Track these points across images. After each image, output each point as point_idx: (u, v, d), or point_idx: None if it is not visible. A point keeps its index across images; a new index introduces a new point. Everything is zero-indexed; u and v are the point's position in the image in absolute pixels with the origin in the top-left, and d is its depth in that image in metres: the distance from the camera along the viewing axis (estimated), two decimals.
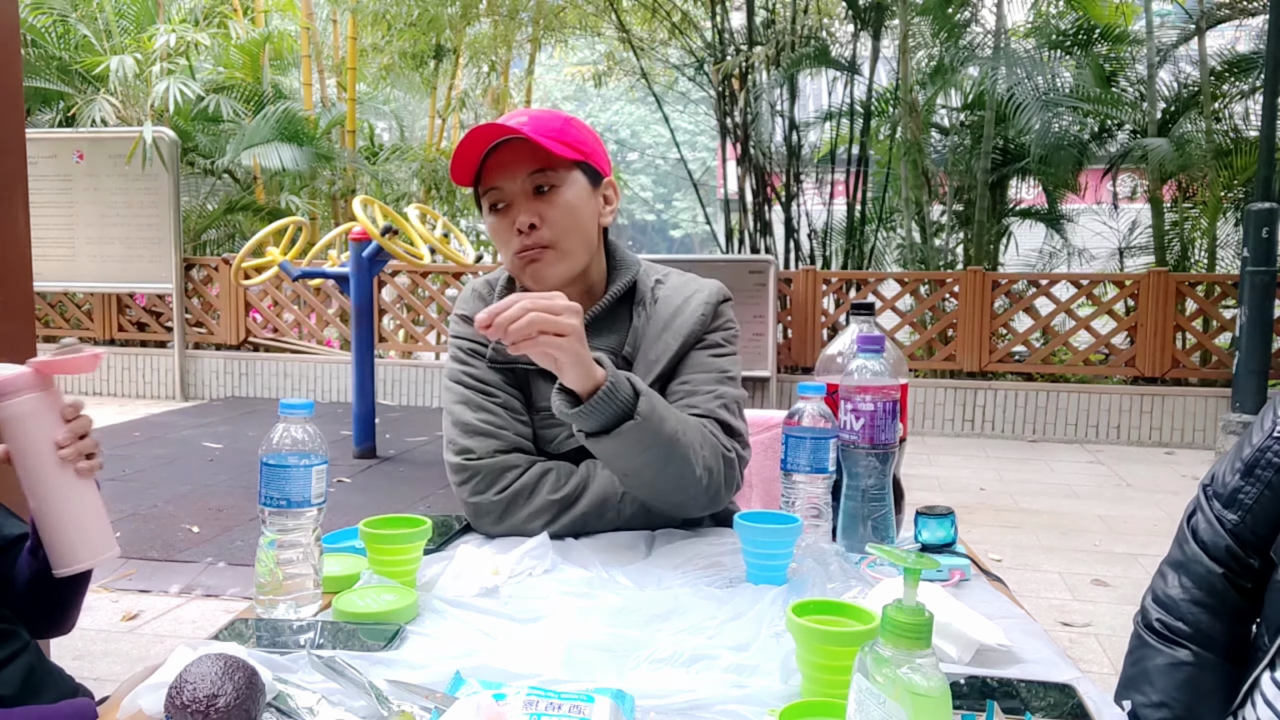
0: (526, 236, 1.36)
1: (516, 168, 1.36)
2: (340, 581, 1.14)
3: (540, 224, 1.36)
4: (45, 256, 6.97)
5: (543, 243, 1.37)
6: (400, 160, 9.37)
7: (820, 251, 8.27)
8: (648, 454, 1.26)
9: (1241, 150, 6.86)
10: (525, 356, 1.20)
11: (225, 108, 8.00)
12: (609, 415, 1.22)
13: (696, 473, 1.30)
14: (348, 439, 5.48)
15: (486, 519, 1.36)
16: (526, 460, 1.38)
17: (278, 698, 0.81)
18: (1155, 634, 1.24)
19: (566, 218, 1.37)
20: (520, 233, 1.36)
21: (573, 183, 1.38)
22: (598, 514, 1.35)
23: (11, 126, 1.97)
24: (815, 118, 8.43)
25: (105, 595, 3.29)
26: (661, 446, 1.26)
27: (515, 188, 1.37)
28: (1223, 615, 1.20)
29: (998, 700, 0.81)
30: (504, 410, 1.41)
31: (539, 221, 1.36)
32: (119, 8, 8.28)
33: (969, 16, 7.19)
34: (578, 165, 1.39)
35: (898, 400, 1.27)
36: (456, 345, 1.47)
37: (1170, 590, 1.24)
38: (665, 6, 8.57)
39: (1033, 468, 5.63)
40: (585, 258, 1.41)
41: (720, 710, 0.82)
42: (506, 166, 1.36)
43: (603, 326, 1.44)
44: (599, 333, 1.42)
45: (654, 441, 1.25)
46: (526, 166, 1.36)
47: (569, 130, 1.38)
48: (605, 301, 1.44)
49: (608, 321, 1.44)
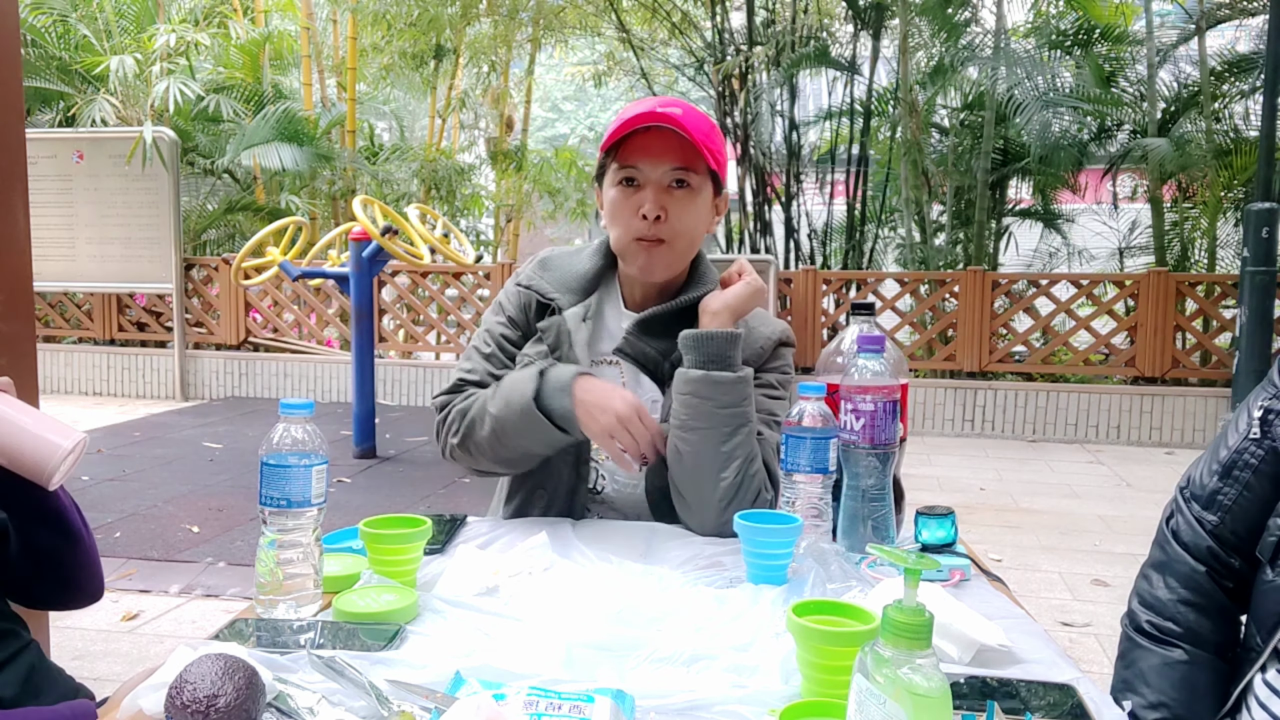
0: (650, 225, 1.40)
1: (666, 156, 1.39)
2: (340, 581, 1.14)
3: (666, 217, 1.40)
4: (45, 256, 6.97)
5: (662, 236, 1.41)
6: (400, 160, 9.36)
7: (820, 251, 8.27)
8: (720, 415, 1.36)
9: (1241, 150, 6.85)
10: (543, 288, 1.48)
11: (225, 108, 7.99)
12: (719, 355, 1.36)
13: (732, 478, 1.36)
14: (348, 439, 5.48)
15: (466, 452, 1.47)
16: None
17: (278, 698, 0.81)
18: (1146, 636, 1.24)
19: (689, 218, 1.42)
20: (644, 218, 1.40)
21: (703, 187, 1.44)
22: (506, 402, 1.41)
23: (11, 126, 1.97)
24: (815, 118, 8.43)
25: (105, 595, 3.29)
26: (734, 421, 1.36)
27: (656, 174, 1.40)
28: (1211, 613, 1.21)
29: (998, 700, 0.81)
30: (489, 363, 1.51)
31: (665, 215, 1.40)
32: (119, 8, 8.28)
33: (969, 16, 7.18)
34: (711, 173, 1.44)
35: (898, 400, 1.27)
36: (499, 302, 1.57)
37: (1157, 592, 1.25)
38: (665, 6, 8.57)
39: (1033, 468, 5.62)
40: (687, 261, 1.49)
41: (720, 710, 0.82)
42: (655, 152, 1.40)
43: (657, 330, 1.47)
44: (664, 332, 1.46)
45: (734, 414, 1.36)
46: (674, 159, 1.39)
47: (714, 137, 1.44)
48: (681, 301, 1.48)
49: (675, 323, 1.46)
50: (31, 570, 1.29)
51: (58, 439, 1.19)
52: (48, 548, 1.29)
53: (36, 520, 1.27)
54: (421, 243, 5.41)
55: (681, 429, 1.37)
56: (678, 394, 1.38)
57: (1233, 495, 1.19)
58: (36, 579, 1.30)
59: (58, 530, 1.29)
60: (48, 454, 1.18)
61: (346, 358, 6.89)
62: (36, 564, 1.29)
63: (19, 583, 1.31)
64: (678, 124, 1.36)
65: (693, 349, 1.38)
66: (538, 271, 1.53)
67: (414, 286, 7.38)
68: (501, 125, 10.67)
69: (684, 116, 1.38)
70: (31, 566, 1.29)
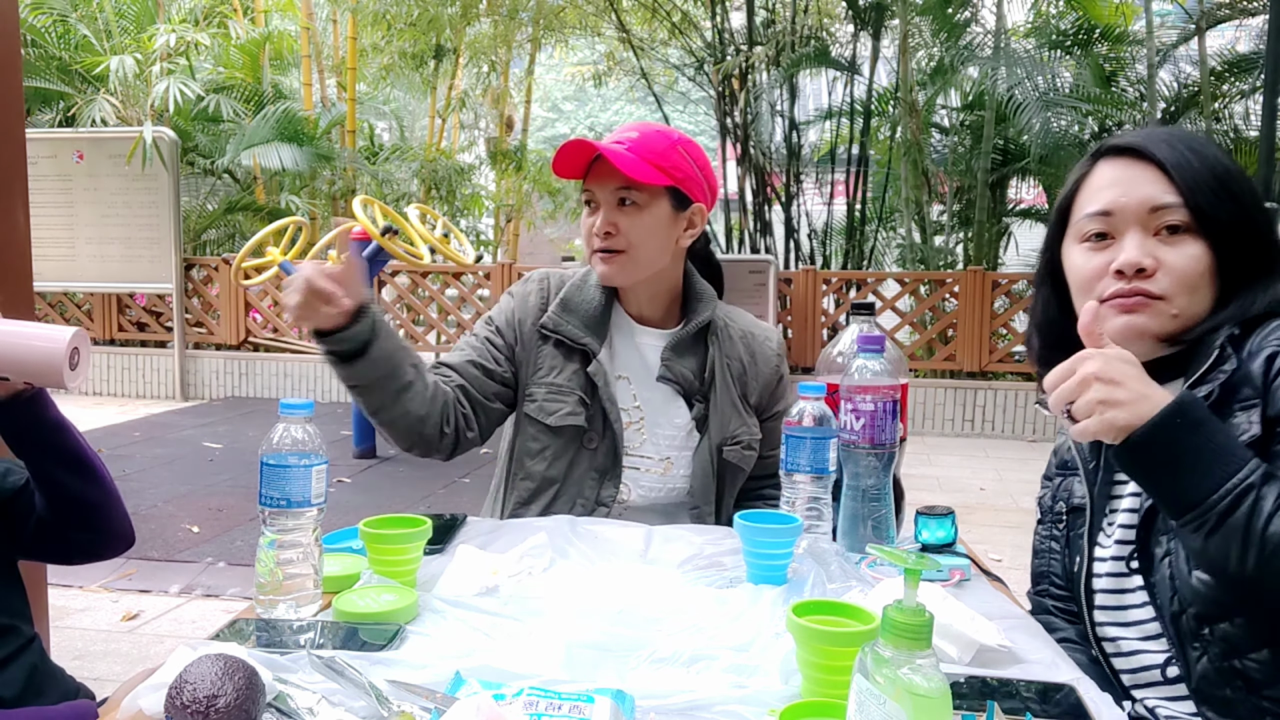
0: (603, 239, 1.53)
1: (608, 179, 1.52)
2: (340, 581, 1.14)
3: (616, 232, 1.52)
4: (45, 256, 6.97)
5: (616, 248, 1.53)
6: (400, 160, 9.37)
7: (820, 251, 8.26)
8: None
9: (1241, 150, 6.85)
10: (571, 331, 1.56)
11: (225, 108, 7.99)
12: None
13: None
14: (348, 439, 5.48)
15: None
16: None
17: (278, 698, 0.81)
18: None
19: (639, 231, 1.53)
20: (597, 235, 1.53)
21: (655, 203, 1.53)
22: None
23: (11, 126, 1.97)
24: (815, 118, 8.43)
25: (105, 595, 3.29)
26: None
27: (604, 194, 1.54)
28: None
29: (998, 700, 0.82)
30: (466, 364, 1.57)
31: (614, 230, 1.52)
32: (119, 8, 8.28)
33: (969, 16, 7.18)
34: (666, 189, 1.52)
35: (898, 400, 1.27)
36: (491, 312, 1.67)
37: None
38: (665, 6, 8.57)
39: (1033, 468, 5.62)
40: (654, 268, 1.57)
41: (720, 710, 0.82)
42: (601, 176, 1.53)
43: (684, 350, 1.60)
44: (681, 355, 1.59)
45: None
46: (615, 181, 1.52)
47: (671, 154, 1.52)
48: (691, 329, 1.60)
49: (688, 347, 1.60)
50: (62, 518, 1.31)
51: (57, 332, 1.21)
52: (74, 491, 1.30)
53: (56, 463, 1.29)
54: (421, 243, 5.41)
55: None
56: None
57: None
58: (69, 527, 1.32)
59: (78, 471, 1.31)
60: (52, 349, 1.20)
61: None
62: (65, 511, 1.31)
63: (54, 538, 1.32)
64: (605, 153, 1.48)
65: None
66: (560, 314, 1.59)
67: (414, 286, 7.38)
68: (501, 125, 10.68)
69: (626, 142, 1.50)
70: (61, 514, 1.31)
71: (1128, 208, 1.11)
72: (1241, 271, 1.09)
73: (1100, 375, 0.96)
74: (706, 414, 1.58)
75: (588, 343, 1.56)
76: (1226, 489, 0.92)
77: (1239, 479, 0.92)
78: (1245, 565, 0.90)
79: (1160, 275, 1.08)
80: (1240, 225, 1.09)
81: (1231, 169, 1.12)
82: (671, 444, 1.58)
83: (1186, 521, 0.95)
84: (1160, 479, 0.97)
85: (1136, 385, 0.96)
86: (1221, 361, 1.04)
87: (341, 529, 1.32)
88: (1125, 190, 1.12)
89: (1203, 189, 1.08)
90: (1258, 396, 1.01)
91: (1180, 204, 1.09)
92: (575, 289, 1.62)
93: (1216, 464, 0.93)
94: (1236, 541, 0.91)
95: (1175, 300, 1.08)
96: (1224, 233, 1.08)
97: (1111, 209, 1.12)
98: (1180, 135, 1.14)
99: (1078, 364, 0.99)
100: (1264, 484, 0.91)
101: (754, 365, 1.64)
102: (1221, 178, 1.10)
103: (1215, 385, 1.03)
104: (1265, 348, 1.02)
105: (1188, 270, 1.08)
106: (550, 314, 1.59)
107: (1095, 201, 1.14)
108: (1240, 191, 1.10)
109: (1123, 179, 1.13)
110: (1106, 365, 0.97)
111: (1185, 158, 1.10)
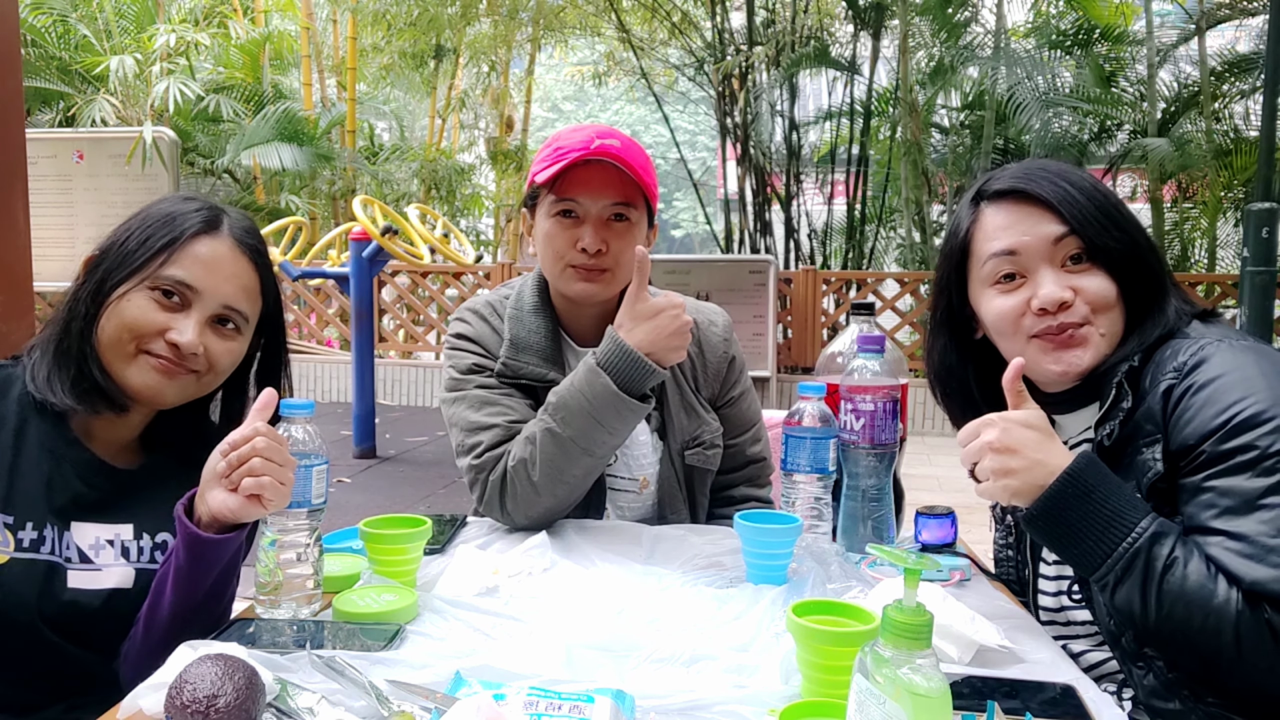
0: (590, 257, 1.40)
1: (606, 191, 1.40)
2: (340, 581, 1.14)
3: (607, 250, 1.40)
4: (45, 256, 6.92)
5: (604, 266, 1.41)
6: (400, 160, 9.37)
7: (820, 251, 8.26)
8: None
9: (1241, 150, 6.85)
10: (533, 370, 1.41)
11: (225, 108, 8.00)
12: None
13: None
14: (348, 439, 5.47)
15: (506, 512, 1.37)
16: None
17: (278, 698, 0.81)
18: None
19: (629, 249, 1.41)
20: (584, 251, 1.40)
21: (641, 218, 1.45)
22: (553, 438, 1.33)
23: (11, 126, 1.97)
24: (815, 118, 8.42)
25: None
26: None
27: (596, 208, 1.40)
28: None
29: (998, 700, 0.81)
30: (507, 401, 1.43)
31: (606, 248, 1.40)
32: (119, 8, 8.28)
33: (969, 16, 7.19)
34: (648, 204, 1.45)
35: (898, 400, 1.27)
36: (453, 365, 1.48)
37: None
38: (665, 6, 8.57)
39: None
40: (624, 284, 1.45)
41: (720, 710, 0.82)
42: (594, 186, 1.39)
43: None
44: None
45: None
46: (614, 194, 1.40)
47: (650, 170, 1.44)
48: None
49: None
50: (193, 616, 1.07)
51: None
52: (172, 635, 1.00)
53: (202, 601, 1.08)
54: (421, 243, 5.42)
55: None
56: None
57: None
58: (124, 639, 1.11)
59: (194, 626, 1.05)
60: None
61: (346, 358, 6.88)
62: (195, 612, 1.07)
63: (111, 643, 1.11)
64: (618, 158, 1.36)
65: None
66: (514, 357, 1.46)
67: (414, 286, 7.37)
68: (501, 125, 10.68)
69: (623, 149, 1.38)
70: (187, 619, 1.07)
71: (1031, 245, 1.13)
72: (1139, 298, 1.12)
73: (995, 445, 1.02)
74: (664, 421, 1.50)
75: (553, 378, 1.42)
76: (1118, 554, 0.98)
77: (1128, 544, 0.97)
78: (1148, 620, 0.97)
79: (1079, 304, 1.11)
80: (1129, 251, 1.12)
81: (1110, 196, 1.15)
82: (642, 461, 1.50)
83: (1093, 582, 1.02)
84: (1062, 547, 1.03)
85: (1032, 453, 1.01)
86: (1120, 400, 1.08)
87: (341, 529, 1.32)
88: (1024, 230, 1.14)
89: (1090, 221, 1.12)
90: (1159, 432, 1.04)
91: (1075, 237, 1.11)
92: (516, 323, 1.49)
93: (1109, 531, 0.98)
94: (1137, 600, 0.97)
95: (1100, 322, 1.12)
96: (1116, 260, 1.11)
97: (1016, 248, 1.14)
98: (1056, 170, 1.16)
99: (981, 428, 1.04)
100: (1152, 546, 0.97)
101: (701, 357, 1.55)
102: (1103, 207, 1.13)
103: (1115, 424, 1.07)
104: (1160, 381, 1.05)
105: (1103, 293, 1.11)
106: (504, 360, 1.46)
107: (997, 241, 1.15)
108: (1122, 219, 1.13)
109: (1015, 220, 1.15)
110: (1004, 434, 1.02)
111: (1068, 193, 1.13)
